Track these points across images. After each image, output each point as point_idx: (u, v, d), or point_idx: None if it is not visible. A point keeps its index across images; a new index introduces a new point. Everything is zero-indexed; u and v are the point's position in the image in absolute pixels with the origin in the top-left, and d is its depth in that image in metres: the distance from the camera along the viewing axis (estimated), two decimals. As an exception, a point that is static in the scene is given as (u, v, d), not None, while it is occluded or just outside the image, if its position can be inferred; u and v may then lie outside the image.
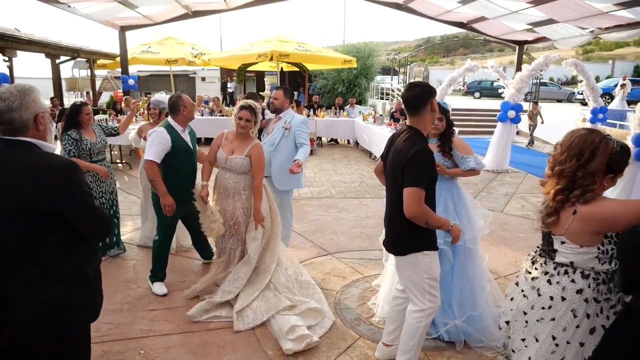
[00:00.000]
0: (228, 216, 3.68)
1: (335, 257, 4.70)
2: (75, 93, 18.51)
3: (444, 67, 42.73)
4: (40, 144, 1.80)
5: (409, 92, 2.40)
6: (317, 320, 3.37)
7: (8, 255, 1.73)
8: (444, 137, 3.27)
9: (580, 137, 1.86)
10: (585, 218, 1.84)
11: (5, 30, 9.88)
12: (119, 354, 2.99)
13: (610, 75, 30.95)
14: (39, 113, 1.79)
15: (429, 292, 2.52)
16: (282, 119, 4.17)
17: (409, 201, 2.29)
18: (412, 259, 2.48)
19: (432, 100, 2.39)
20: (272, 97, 4.23)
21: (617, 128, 12.66)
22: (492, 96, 24.73)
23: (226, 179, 3.65)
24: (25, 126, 1.76)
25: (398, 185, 2.39)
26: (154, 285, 3.86)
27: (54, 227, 1.76)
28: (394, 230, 2.58)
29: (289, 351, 3.00)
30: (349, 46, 18.83)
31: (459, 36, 48.79)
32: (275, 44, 12.08)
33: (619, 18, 8.84)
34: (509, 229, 5.53)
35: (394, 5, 11.50)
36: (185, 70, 26.09)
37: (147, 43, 14.39)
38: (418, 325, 2.54)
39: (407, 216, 2.31)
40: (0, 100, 1.72)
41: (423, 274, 2.48)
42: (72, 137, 4.18)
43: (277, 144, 4.07)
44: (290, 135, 4.08)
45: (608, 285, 1.89)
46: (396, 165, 2.40)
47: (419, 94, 2.38)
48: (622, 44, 39.04)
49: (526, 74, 8.73)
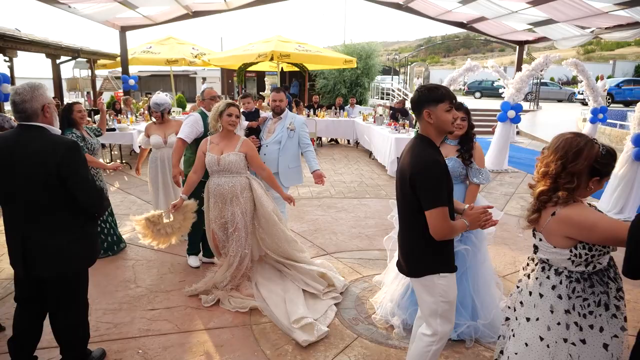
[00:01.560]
0: (228, 223, 3.68)
1: (334, 257, 4.71)
2: (76, 93, 18.51)
3: (445, 67, 42.70)
4: (49, 127, 2.35)
5: (413, 96, 2.26)
6: (321, 312, 3.49)
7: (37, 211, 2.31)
8: (465, 141, 3.15)
9: (567, 140, 1.89)
10: (562, 220, 1.86)
11: (5, 31, 9.89)
12: (117, 353, 2.99)
13: (611, 75, 30.93)
14: (46, 104, 2.33)
15: (443, 315, 2.29)
16: (282, 120, 4.31)
17: (436, 223, 2.08)
18: (428, 282, 2.25)
19: (427, 109, 2.15)
20: (277, 99, 4.29)
21: (618, 128, 12.66)
22: (492, 96, 24.73)
23: (221, 185, 3.62)
24: (35, 114, 2.30)
25: (407, 203, 2.22)
26: (189, 258, 4.41)
27: (65, 193, 2.32)
28: (407, 249, 2.35)
29: (305, 342, 3.07)
30: (349, 46, 18.83)
31: (459, 36, 48.75)
32: (276, 44, 12.08)
33: (619, 18, 8.83)
34: (508, 228, 5.53)
35: (394, 5, 11.51)
36: (186, 71, 26.17)
37: (148, 43, 14.41)
38: (428, 350, 2.34)
39: (438, 238, 2.13)
40: (17, 94, 2.26)
41: (438, 297, 2.25)
42: (77, 135, 4.26)
43: (284, 145, 4.24)
44: (295, 135, 4.28)
45: (583, 285, 1.91)
46: (404, 181, 2.20)
47: (414, 98, 2.23)
48: (623, 43, 39.03)
49: (526, 74, 8.72)
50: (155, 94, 5.07)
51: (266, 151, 4.26)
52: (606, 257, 1.93)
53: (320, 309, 3.54)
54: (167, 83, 19.61)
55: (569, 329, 1.92)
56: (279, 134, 4.26)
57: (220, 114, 3.59)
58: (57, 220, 2.37)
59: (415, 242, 2.25)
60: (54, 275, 2.42)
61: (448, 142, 3.23)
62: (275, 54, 11.44)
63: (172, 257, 4.60)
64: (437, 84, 2.38)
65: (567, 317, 1.93)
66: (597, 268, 1.91)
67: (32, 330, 2.62)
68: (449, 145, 3.22)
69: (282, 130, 4.27)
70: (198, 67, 21.54)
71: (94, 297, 3.74)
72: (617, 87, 22.06)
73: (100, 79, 16.32)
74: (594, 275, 1.91)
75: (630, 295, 3.64)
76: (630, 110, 12.21)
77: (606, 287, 1.91)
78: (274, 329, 3.32)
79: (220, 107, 3.62)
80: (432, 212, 2.08)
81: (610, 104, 19.06)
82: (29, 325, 2.59)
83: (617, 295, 1.94)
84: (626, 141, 6.44)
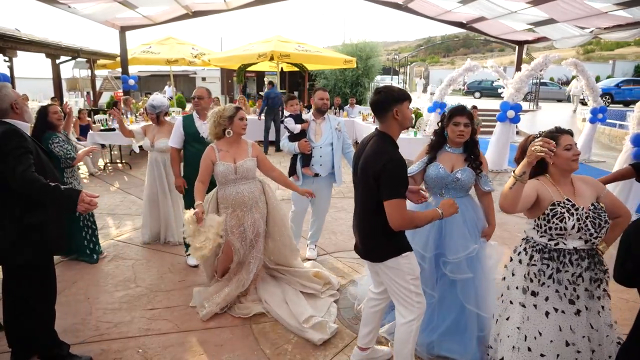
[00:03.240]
0: (246, 231, 3.52)
1: (334, 256, 4.71)
2: (75, 93, 18.51)
3: (445, 67, 42.74)
4: (17, 122, 2.51)
5: (374, 96, 2.40)
6: (324, 310, 3.52)
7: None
8: (470, 147, 2.97)
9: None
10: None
11: (5, 31, 9.90)
12: (117, 352, 3.00)
13: (610, 75, 30.94)
14: (13, 101, 2.52)
15: (416, 292, 2.46)
16: (327, 120, 4.36)
17: (394, 214, 2.25)
18: (393, 264, 2.43)
19: (395, 107, 2.33)
20: (325, 98, 4.28)
21: (617, 128, 12.68)
22: (492, 96, 24.74)
23: (241, 192, 3.46)
24: (7, 111, 2.50)
25: (369, 194, 2.37)
26: (188, 257, 4.33)
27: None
28: (368, 239, 2.52)
29: (320, 340, 3.10)
30: (349, 46, 18.82)
31: (459, 36, 48.74)
32: (276, 44, 12.08)
33: (618, 18, 8.83)
34: (507, 228, 5.53)
35: (393, 5, 11.50)
36: (186, 71, 26.14)
37: (148, 43, 14.40)
38: (410, 332, 2.47)
39: (395, 228, 2.29)
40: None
41: (407, 276, 2.43)
42: (60, 137, 4.11)
43: (335, 145, 4.32)
44: (341, 136, 4.38)
45: (541, 256, 2.23)
46: (366, 173, 2.37)
47: (382, 99, 2.35)
48: (623, 43, 39.04)
49: (525, 74, 8.72)
50: (152, 97, 4.95)
51: (321, 153, 4.27)
52: (573, 241, 2.17)
53: (322, 307, 3.55)
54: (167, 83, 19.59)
55: (525, 293, 2.26)
56: (329, 135, 4.30)
57: (230, 119, 3.39)
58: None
59: (375, 230, 2.41)
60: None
61: (451, 151, 3.01)
62: (275, 54, 11.44)
63: (171, 256, 4.61)
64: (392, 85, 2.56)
65: (524, 281, 2.27)
66: (559, 246, 2.19)
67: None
68: (453, 154, 3.00)
69: (330, 131, 4.31)
70: (198, 67, 21.53)
71: (94, 297, 3.75)
72: (617, 87, 22.05)
73: (100, 79, 16.29)
74: (554, 251, 2.20)
75: (629, 295, 3.65)
76: (630, 110, 12.20)
77: (562, 265, 2.18)
78: (273, 328, 3.33)
79: (228, 111, 3.40)
80: (391, 202, 2.24)
81: (609, 104, 19.05)
82: None
83: (571, 279, 2.17)
84: (625, 141, 6.45)
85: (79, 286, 3.94)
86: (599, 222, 2.15)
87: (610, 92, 21.26)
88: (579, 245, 2.17)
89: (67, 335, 3.12)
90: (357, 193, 2.56)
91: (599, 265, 2.20)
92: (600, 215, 2.17)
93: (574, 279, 2.17)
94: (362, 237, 2.57)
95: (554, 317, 2.17)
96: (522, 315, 2.26)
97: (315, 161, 4.27)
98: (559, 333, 2.15)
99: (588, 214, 2.16)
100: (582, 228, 2.14)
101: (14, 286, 2.54)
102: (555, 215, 2.16)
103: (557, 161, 2.19)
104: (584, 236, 2.15)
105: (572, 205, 2.17)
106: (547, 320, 2.17)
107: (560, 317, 2.16)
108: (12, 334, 2.63)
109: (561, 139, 2.20)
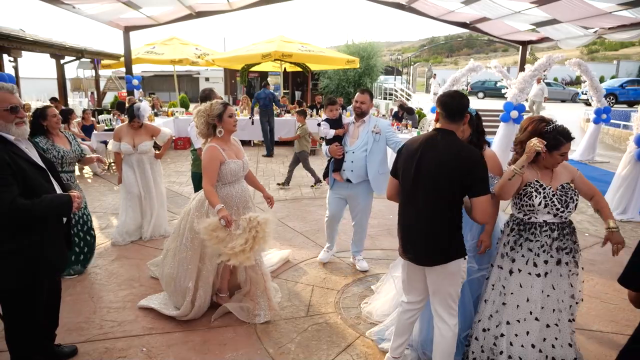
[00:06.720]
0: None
1: (337, 256, 4.72)
2: (79, 93, 18.61)
3: (448, 67, 42.61)
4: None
5: (457, 100, 2.43)
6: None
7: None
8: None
9: (526, 119, 2.64)
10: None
11: (10, 31, 9.96)
12: (121, 351, 3.02)
13: (614, 76, 30.80)
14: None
15: (458, 296, 2.57)
16: (366, 123, 4.09)
17: (487, 209, 2.39)
18: (455, 268, 2.46)
19: (467, 113, 2.51)
20: (360, 100, 4.03)
21: (621, 128, 12.63)
22: (495, 96, 24.66)
23: (245, 189, 3.44)
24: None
25: (441, 193, 2.36)
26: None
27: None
28: (438, 239, 2.42)
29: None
30: (351, 46, 18.84)
31: (462, 36, 48.67)
32: (279, 44, 12.11)
33: (622, 18, 8.79)
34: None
35: (396, 5, 11.49)
36: (189, 71, 26.22)
37: (152, 43, 14.47)
38: (456, 335, 2.54)
39: (483, 222, 2.46)
40: None
41: (459, 279, 2.53)
42: (39, 146, 3.61)
43: (370, 149, 4.02)
44: (381, 139, 4.04)
45: (518, 228, 2.60)
46: (443, 171, 2.33)
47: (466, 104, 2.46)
48: (628, 43, 38.87)
49: (529, 75, 8.69)
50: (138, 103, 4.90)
51: (353, 158, 4.04)
52: (543, 215, 2.53)
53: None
54: (171, 83, 19.68)
55: (503, 258, 2.65)
56: (364, 139, 4.03)
57: (219, 117, 3.21)
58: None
59: (447, 232, 2.43)
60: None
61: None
62: (278, 54, 11.47)
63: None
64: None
65: (503, 248, 2.66)
66: (532, 219, 2.56)
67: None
68: None
69: (366, 134, 4.03)
70: (201, 67, 21.60)
71: (98, 296, 3.78)
72: (621, 88, 21.94)
73: (104, 79, 16.38)
74: (528, 224, 2.57)
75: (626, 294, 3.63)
76: (634, 111, 12.16)
77: (532, 236, 2.54)
78: (276, 327, 3.35)
79: (215, 109, 3.22)
80: (485, 198, 2.35)
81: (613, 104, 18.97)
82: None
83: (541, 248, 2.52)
84: (629, 141, 6.43)
85: (84, 285, 3.96)
86: (565, 199, 2.50)
87: (614, 92, 21.16)
88: (549, 218, 2.54)
89: (72, 334, 3.15)
90: (418, 194, 2.43)
91: (567, 236, 2.55)
92: (567, 193, 2.52)
93: (545, 248, 2.52)
94: (430, 239, 2.43)
95: (516, 276, 2.58)
96: (498, 276, 2.66)
97: (346, 166, 4.09)
98: (520, 289, 2.56)
99: (555, 193, 2.51)
100: (548, 204, 2.50)
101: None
102: (526, 194, 2.54)
103: (548, 160, 2.52)
104: (552, 211, 2.51)
105: (540, 185, 2.53)
106: (511, 278, 2.60)
107: (523, 277, 2.56)
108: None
109: (562, 147, 2.46)
